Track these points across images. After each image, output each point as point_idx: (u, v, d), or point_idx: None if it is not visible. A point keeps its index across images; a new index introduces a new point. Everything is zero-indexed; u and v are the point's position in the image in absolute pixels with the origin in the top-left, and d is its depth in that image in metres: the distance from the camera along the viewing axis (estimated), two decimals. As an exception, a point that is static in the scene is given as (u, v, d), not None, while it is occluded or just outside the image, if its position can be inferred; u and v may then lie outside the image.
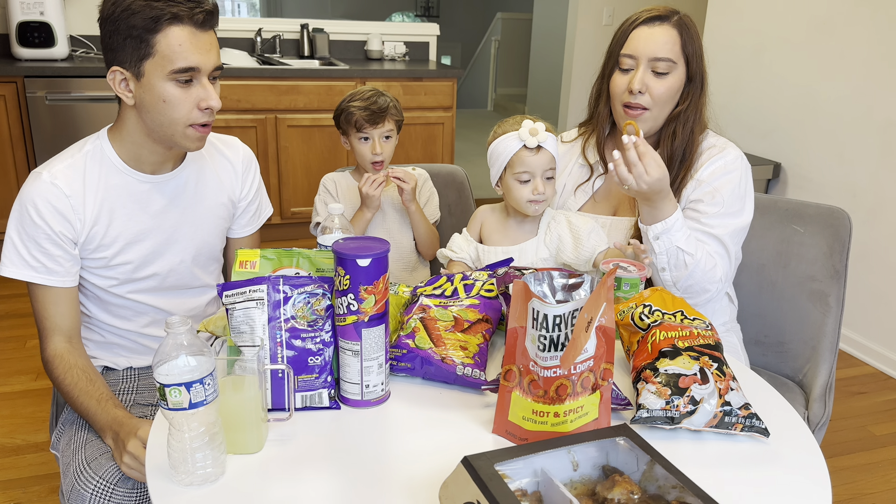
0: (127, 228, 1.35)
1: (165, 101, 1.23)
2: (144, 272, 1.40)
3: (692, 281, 1.42)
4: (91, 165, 1.32)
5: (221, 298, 1.08)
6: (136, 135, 1.31)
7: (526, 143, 1.46)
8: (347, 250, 1.03)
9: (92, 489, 1.20)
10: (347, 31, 4.32)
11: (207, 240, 1.47)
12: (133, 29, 1.19)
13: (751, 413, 1.02)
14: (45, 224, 1.27)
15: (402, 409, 1.10)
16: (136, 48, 1.20)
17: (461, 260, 1.59)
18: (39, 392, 2.47)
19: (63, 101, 3.33)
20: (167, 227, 1.39)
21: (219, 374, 0.94)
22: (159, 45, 1.19)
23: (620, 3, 5.04)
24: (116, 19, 1.19)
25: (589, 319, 0.96)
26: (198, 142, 1.30)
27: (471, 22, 8.95)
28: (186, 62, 1.21)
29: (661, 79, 1.45)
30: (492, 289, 1.26)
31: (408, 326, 1.19)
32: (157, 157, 1.34)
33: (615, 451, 0.88)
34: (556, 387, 0.97)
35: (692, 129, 1.49)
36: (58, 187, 1.27)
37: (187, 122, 1.26)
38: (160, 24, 1.18)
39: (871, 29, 2.81)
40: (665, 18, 1.46)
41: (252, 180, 1.53)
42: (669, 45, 1.44)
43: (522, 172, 1.48)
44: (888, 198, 2.80)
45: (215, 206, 1.46)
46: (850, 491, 2.13)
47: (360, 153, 1.83)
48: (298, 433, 1.03)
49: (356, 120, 1.79)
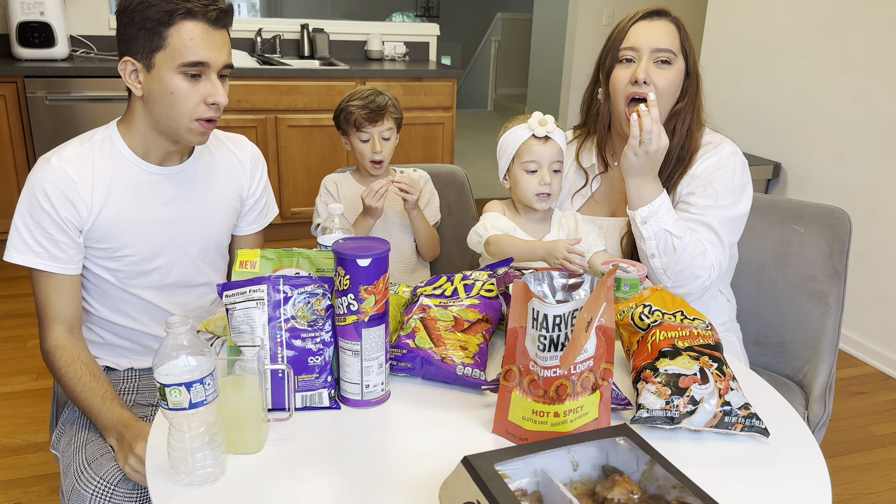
0: (133, 218, 1.35)
1: (173, 93, 1.25)
2: (149, 265, 1.40)
3: (681, 266, 1.41)
4: (100, 154, 1.33)
5: (221, 298, 1.08)
6: (143, 126, 1.32)
7: (535, 131, 1.47)
8: (347, 250, 1.03)
9: (93, 489, 1.20)
10: (347, 32, 4.32)
11: (214, 234, 1.47)
12: (147, 21, 1.22)
13: (750, 413, 1.02)
14: (52, 209, 1.27)
15: (402, 409, 1.10)
16: (149, 40, 1.23)
17: (502, 231, 1.56)
18: (39, 392, 2.47)
19: (63, 101, 3.33)
20: (174, 219, 1.40)
21: (219, 374, 0.94)
22: (171, 38, 1.22)
23: (620, 2, 5.04)
24: (133, 11, 1.23)
25: (589, 319, 0.96)
26: (201, 136, 1.31)
27: (471, 22, 8.96)
28: (196, 56, 1.23)
29: (663, 69, 1.44)
30: (492, 289, 1.26)
31: (408, 326, 1.19)
32: (163, 151, 1.36)
33: (615, 451, 0.88)
34: (556, 387, 0.97)
35: (690, 127, 1.50)
36: (66, 172, 1.28)
37: (193, 116, 1.28)
38: (174, 17, 1.21)
39: (871, 29, 2.81)
40: (663, 14, 1.48)
41: (260, 178, 1.55)
42: (670, 37, 1.45)
43: (530, 162, 1.49)
44: (888, 198, 2.80)
45: (223, 201, 1.47)
46: (850, 491, 2.13)
47: (360, 152, 1.83)
48: (298, 433, 1.03)
49: (355, 119, 1.79)
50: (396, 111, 1.85)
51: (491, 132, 7.13)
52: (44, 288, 1.32)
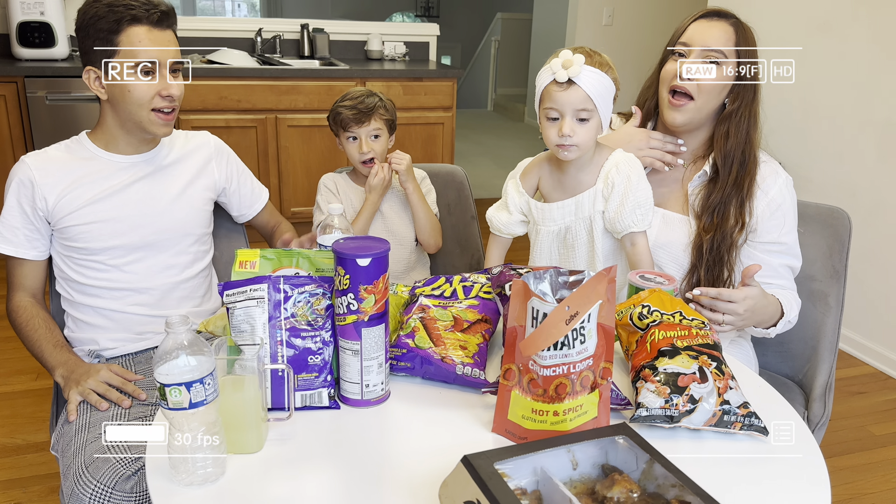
0: (95, 196, 1.48)
1: (130, 90, 1.42)
2: (117, 241, 1.51)
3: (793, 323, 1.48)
4: (61, 150, 1.52)
5: (222, 298, 1.09)
6: (113, 127, 1.50)
7: (556, 75, 1.35)
8: (347, 250, 1.03)
9: (90, 493, 1.20)
10: (347, 32, 4.32)
11: (178, 216, 1.57)
12: (100, 32, 1.40)
13: (750, 412, 1.02)
14: (15, 197, 1.47)
15: (402, 408, 1.10)
16: (104, 49, 1.40)
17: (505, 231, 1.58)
18: (39, 392, 2.47)
19: (63, 101, 3.33)
20: (136, 201, 1.52)
21: (219, 374, 0.94)
22: (122, 43, 1.41)
23: (620, 3, 5.04)
24: (87, 26, 1.41)
25: (573, 314, 0.95)
26: (164, 127, 1.48)
27: (471, 22, 8.96)
28: (145, 55, 1.41)
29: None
30: (491, 291, 1.25)
31: (407, 326, 1.19)
32: (131, 146, 1.53)
33: (614, 450, 0.88)
34: (555, 385, 0.97)
35: (748, 132, 1.47)
36: (26, 164, 1.47)
37: (150, 108, 1.44)
38: (121, 24, 1.39)
39: (871, 29, 2.81)
40: (723, 16, 1.48)
41: (229, 164, 1.69)
42: (724, 39, 1.44)
43: (550, 109, 1.38)
44: (888, 198, 2.80)
45: (190, 193, 1.59)
46: (850, 491, 2.13)
47: (350, 153, 1.85)
48: (298, 433, 1.03)
49: (342, 119, 1.81)
50: (387, 112, 1.84)
51: (491, 132, 7.12)
52: (11, 265, 1.52)
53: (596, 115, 1.39)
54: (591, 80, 1.35)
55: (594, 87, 1.36)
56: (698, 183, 1.52)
